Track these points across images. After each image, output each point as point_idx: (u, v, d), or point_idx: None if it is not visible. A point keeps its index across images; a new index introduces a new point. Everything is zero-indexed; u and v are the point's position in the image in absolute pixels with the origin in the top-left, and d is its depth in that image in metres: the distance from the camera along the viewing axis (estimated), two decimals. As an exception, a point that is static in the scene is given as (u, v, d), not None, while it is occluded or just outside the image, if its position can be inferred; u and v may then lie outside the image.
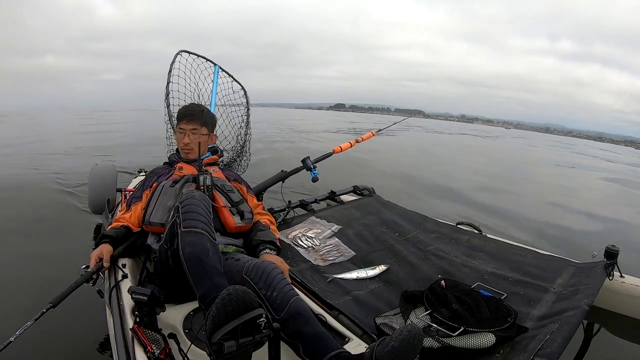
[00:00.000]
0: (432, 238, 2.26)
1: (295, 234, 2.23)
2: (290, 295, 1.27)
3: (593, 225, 4.62)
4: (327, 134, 15.20)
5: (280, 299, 1.26)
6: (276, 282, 1.31)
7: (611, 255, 1.75)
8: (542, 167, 11.85)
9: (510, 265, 1.88)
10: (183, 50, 2.59)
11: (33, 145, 8.96)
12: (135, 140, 10.26)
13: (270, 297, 1.28)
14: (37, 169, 5.76)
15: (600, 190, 8.12)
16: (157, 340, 1.15)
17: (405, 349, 0.99)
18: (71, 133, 13.17)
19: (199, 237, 1.28)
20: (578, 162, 15.42)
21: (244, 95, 2.96)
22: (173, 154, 2.04)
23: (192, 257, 1.24)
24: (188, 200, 1.36)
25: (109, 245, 1.60)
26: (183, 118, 1.92)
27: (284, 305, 1.25)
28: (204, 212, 1.35)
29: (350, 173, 5.67)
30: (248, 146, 2.91)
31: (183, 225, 1.29)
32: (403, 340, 0.99)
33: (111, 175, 2.77)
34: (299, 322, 1.22)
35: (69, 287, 1.40)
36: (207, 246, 1.27)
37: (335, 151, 2.87)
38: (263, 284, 1.31)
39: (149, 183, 1.84)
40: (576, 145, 32.90)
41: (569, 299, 1.51)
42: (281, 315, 1.23)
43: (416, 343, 1.00)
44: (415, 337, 1.00)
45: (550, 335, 1.25)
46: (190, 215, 1.31)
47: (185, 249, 1.25)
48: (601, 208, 5.66)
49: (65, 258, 2.48)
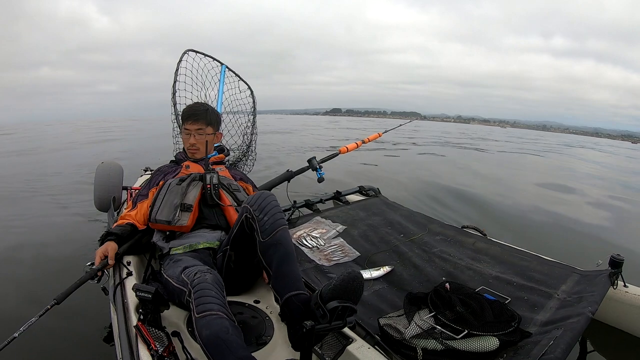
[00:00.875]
0: (437, 240, 2.25)
1: (300, 233, 2.23)
2: (278, 224, 1.37)
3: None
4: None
5: (269, 224, 1.36)
6: (269, 208, 1.40)
7: (616, 264, 1.74)
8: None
9: (514, 270, 1.87)
10: (190, 49, 2.60)
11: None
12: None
13: (261, 220, 1.38)
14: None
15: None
16: (160, 338, 1.16)
17: (345, 287, 1.11)
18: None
19: (215, 318, 1.15)
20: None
21: (250, 95, 2.96)
22: (180, 152, 2.04)
23: (210, 338, 1.10)
24: (200, 285, 1.25)
25: (114, 242, 1.61)
26: (188, 118, 1.90)
27: (270, 231, 1.36)
28: (218, 294, 1.24)
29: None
30: (254, 145, 2.91)
31: (197, 311, 1.17)
32: (343, 280, 1.12)
33: (117, 173, 2.78)
34: (276, 253, 1.33)
35: (73, 284, 1.41)
36: (226, 324, 1.14)
37: (342, 151, 2.87)
38: (257, 207, 1.40)
39: (156, 181, 1.85)
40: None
41: (573, 306, 1.50)
42: (266, 239, 1.35)
43: (356, 284, 1.13)
44: (355, 278, 1.13)
45: (554, 341, 1.24)
46: (204, 300, 1.20)
47: (203, 332, 1.12)
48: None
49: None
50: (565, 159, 14.62)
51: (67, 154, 9.85)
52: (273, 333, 1.41)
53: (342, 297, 1.11)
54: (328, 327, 1.12)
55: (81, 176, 5.87)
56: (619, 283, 1.75)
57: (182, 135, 1.99)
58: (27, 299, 2.13)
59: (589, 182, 8.13)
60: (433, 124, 63.15)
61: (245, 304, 1.55)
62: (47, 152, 10.57)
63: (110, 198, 2.52)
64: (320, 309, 1.12)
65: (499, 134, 34.53)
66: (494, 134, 32.94)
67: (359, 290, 1.14)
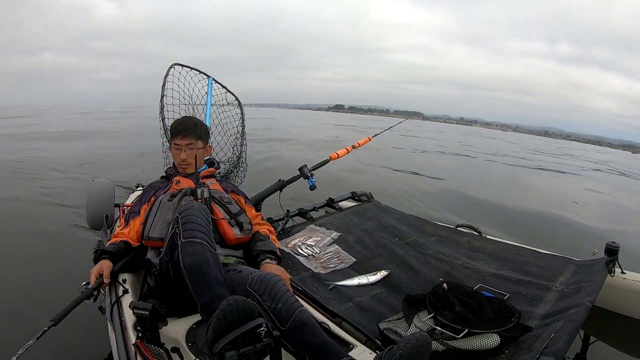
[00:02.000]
0: (432, 241, 2.26)
1: (295, 242, 2.22)
2: (295, 307, 1.27)
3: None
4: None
5: (285, 311, 1.26)
6: (280, 294, 1.30)
7: (612, 251, 1.76)
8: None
9: (511, 266, 1.88)
10: (176, 63, 2.60)
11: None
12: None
13: (275, 309, 1.27)
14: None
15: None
16: (160, 354, 1.15)
17: (413, 358, 0.98)
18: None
19: (199, 247, 1.27)
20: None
21: (238, 106, 2.96)
22: (170, 168, 2.03)
23: (192, 267, 1.23)
24: (187, 211, 1.36)
25: (109, 261, 1.59)
26: (178, 134, 1.89)
27: (289, 316, 1.24)
28: (203, 222, 1.35)
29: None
30: (244, 157, 2.91)
31: (183, 236, 1.28)
32: (411, 349, 0.99)
33: (109, 191, 2.76)
34: (305, 332, 1.22)
35: (69, 304, 1.39)
36: (208, 256, 1.27)
37: (332, 158, 2.86)
38: (268, 296, 1.30)
39: (147, 197, 1.84)
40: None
41: (572, 297, 1.51)
42: (286, 326, 1.23)
43: (424, 351, 1.01)
44: (424, 344, 1.01)
45: (555, 334, 1.25)
46: (190, 226, 1.31)
47: (186, 259, 1.25)
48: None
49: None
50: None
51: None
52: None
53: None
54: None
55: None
56: (616, 270, 1.76)
57: (171, 151, 1.97)
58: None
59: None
60: (449, 126, 62.98)
61: None
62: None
63: (102, 216, 2.50)
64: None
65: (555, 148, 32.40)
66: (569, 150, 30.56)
67: (427, 357, 1.03)
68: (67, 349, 1.83)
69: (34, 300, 2.26)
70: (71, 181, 5.42)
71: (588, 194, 8.35)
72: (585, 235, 4.36)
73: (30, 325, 1.62)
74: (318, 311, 1.53)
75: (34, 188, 4.89)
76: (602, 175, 13.55)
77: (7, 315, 2.11)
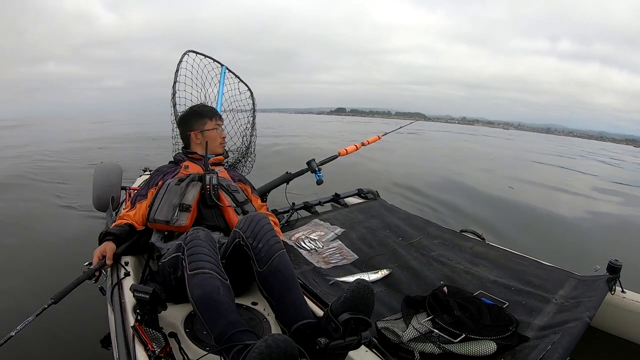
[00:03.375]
0: (435, 244, 2.25)
1: (299, 236, 2.23)
2: (275, 249, 1.32)
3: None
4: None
5: (265, 252, 1.31)
6: (263, 233, 1.34)
7: (614, 269, 1.74)
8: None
9: (512, 274, 1.87)
10: (190, 50, 2.60)
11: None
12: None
13: (256, 248, 1.32)
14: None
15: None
16: (157, 338, 1.16)
17: (356, 299, 1.06)
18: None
19: (207, 277, 1.19)
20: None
21: (250, 97, 2.96)
22: (179, 153, 2.04)
23: (202, 298, 1.15)
24: (193, 242, 1.29)
25: (112, 242, 1.60)
26: (213, 115, 2.00)
27: (267, 259, 1.30)
28: (210, 252, 1.28)
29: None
30: (253, 147, 2.91)
31: (189, 268, 1.22)
32: (353, 292, 1.07)
33: (116, 173, 2.78)
34: (276, 281, 1.27)
35: (71, 283, 1.40)
36: (217, 284, 1.19)
37: (341, 154, 2.86)
38: (250, 233, 1.35)
39: (155, 181, 1.85)
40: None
41: (571, 311, 1.50)
42: (263, 269, 1.29)
43: (366, 294, 1.08)
44: (365, 288, 1.08)
45: (552, 346, 1.24)
46: (197, 257, 1.24)
47: (195, 291, 1.17)
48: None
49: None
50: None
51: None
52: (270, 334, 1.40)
53: (354, 310, 1.06)
54: (342, 342, 1.06)
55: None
56: (617, 289, 1.75)
57: (208, 133, 1.97)
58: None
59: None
60: (451, 126, 62.64)
61: (243, 305, 1.54)
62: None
63: (108, 198, 2.52)
64: (332, 322, 1.07)
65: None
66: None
67: (370, 302, 1.09)
68: (66, 328, 1.86)
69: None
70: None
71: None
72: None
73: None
74: (317, 305, 1.53)
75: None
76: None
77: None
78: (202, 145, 1.95)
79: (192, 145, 1.99)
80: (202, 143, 1.95)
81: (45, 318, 1.31)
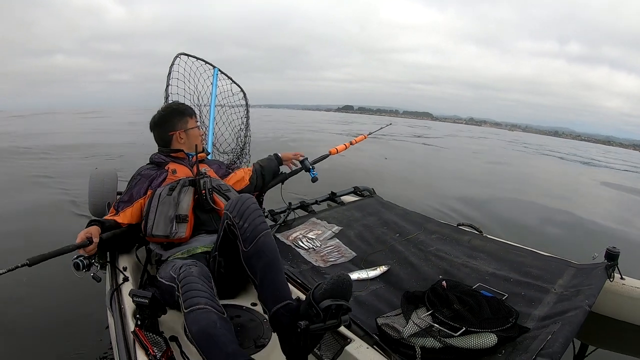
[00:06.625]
0: (433, 239, 2.26)
1: (296, 235, 2.23)
2: (260, 229, 1.33)
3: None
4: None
5: (250, 232, 1.32)
6: (249, 213, 1.36)
7: (612, 256, 1.75)
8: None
9: (511, 266, 1.88)
10: (182, 53, 2.59)
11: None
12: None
13: (242, 227, 1.34)
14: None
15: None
16: (158, 343, 1.16)
17: (335, 288, 1.12)
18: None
19: (202, 312, 1.18)
20: None
21: (243, 97, 2.96)
22: (156, 154, 1.95)
23: (200, 333, 1.14)
24: (187, 279, 1.27)
25: (98, 227, 1.59)
26: (193, 113, 2.00)
27: (252, 238, 1.31)
28: (204, 287, 1.27)
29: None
30: (248, 148, 2.91)
31: (185, 306, 1.20)
32: (333, 283, 1.12)
33: (111, 179, 2.76)
34: (259, 262, 1.30)
35: (51, 251, 1.40)
36: (214, 318, 1.17)
37: (332, 153, 2.86)
38: (237, 213, 1.36)
39: (141, 190, 1.78)
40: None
41: (570, 300, 1.51)
42: (248, 248, 1.31)
43: (345, 285, 1.14)
44: (344, 280, 1.14)
45: (552, 336, 1.25)
46: (191, 294, 1.22)
47: (192, 328, 1.16)
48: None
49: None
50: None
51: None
52: (271, 335, 1.40)
53: (334, 297, 1.12)
54: (323, 325, 1.12)
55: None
56: (616, 275, 1.76)
57: (190, 132, 1.94)
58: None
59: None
60: (459, 127, 61.98)
61: (243, 306, 1.54)
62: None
63: (104, 204, 2.51)
64: (314, 308, 1.12)
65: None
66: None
67: (348, 291, 1.15)
68: (66, 334, 1.84)
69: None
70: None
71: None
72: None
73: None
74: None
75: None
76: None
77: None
78: (186, 145, 1.92)
79: (173, 146, 1.93)
80: (186, 143, 1.92)
81: (47, 325, 1.30)
